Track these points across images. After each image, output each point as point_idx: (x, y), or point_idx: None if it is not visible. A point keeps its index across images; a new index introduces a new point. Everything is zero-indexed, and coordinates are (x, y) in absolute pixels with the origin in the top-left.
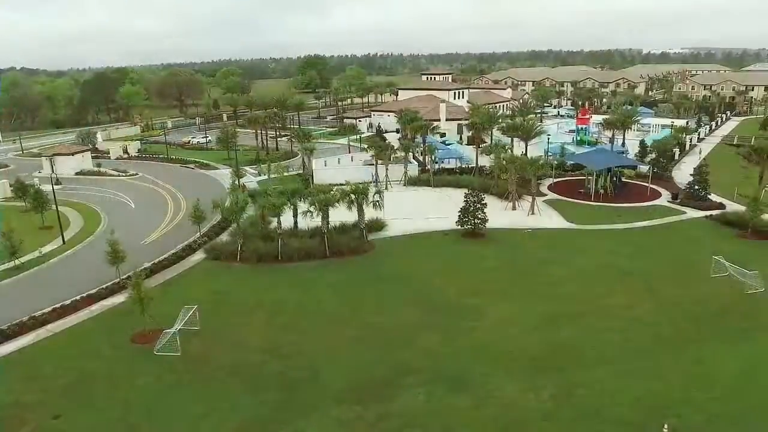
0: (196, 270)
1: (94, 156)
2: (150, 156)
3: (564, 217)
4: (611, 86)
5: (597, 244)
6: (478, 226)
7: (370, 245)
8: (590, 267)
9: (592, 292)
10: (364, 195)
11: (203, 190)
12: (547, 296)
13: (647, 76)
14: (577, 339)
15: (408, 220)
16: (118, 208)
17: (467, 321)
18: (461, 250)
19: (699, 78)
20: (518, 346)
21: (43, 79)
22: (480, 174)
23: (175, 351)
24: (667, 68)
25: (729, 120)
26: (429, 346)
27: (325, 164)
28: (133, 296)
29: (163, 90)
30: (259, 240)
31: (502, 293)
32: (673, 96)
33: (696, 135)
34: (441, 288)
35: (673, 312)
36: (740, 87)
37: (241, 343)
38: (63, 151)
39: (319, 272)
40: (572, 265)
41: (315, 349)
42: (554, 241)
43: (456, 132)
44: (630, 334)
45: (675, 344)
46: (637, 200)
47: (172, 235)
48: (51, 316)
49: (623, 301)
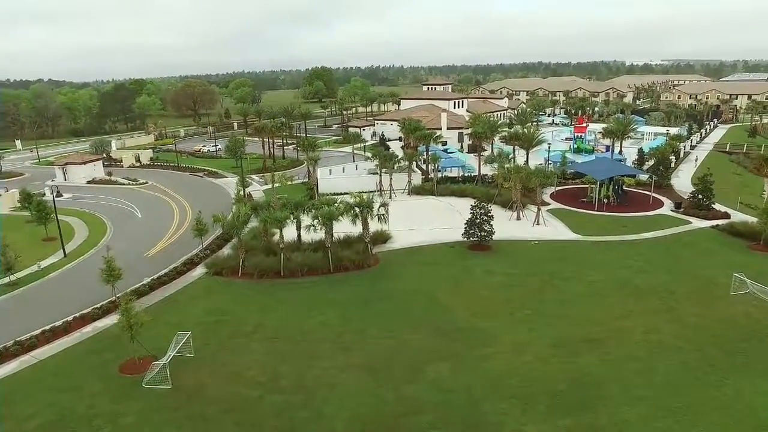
0: (195, 286)
1: (107, 164)
2: (161, 164)
3: (569, 227)
4: (601, 95)
5: (606, 257)
6: (484, 238)
7: (374, 259)
8: (602, 283)
9: (607, 312)
10: (368, 208)
11: (210, 198)
12: (561, 317)
13: (634, 86)
14: (598, 369)
15: (413, 231)
16: (124, 218)
17: (479, 347)
18: (468, 264)
19: (685, 87)
20: (535, 378)
21: (66, 90)
22: (482, 182)
23: (165, 384)
24: (651, 79)
25: (716, 128)
26: (439, 378)
27: (330, 173)
28: (121, 322)
29: (178, 100)
30: (261, 253)
31: (513, 314)
32: (661, 105)
33: (689, 143)
34: (449, 307)
35: (698, 336)
36: (724, 96)
37: (237, 374)
38: (75, 161)
39: (323, 289)
40: (583, 280)
41: (317, 381)
42: (562, 253)
43: (457, 140)
44: (654, 363)
45: (706, 375)
46: (641, 209)
47: (175, 246)
48: (39, 341)
49: (642, 323)
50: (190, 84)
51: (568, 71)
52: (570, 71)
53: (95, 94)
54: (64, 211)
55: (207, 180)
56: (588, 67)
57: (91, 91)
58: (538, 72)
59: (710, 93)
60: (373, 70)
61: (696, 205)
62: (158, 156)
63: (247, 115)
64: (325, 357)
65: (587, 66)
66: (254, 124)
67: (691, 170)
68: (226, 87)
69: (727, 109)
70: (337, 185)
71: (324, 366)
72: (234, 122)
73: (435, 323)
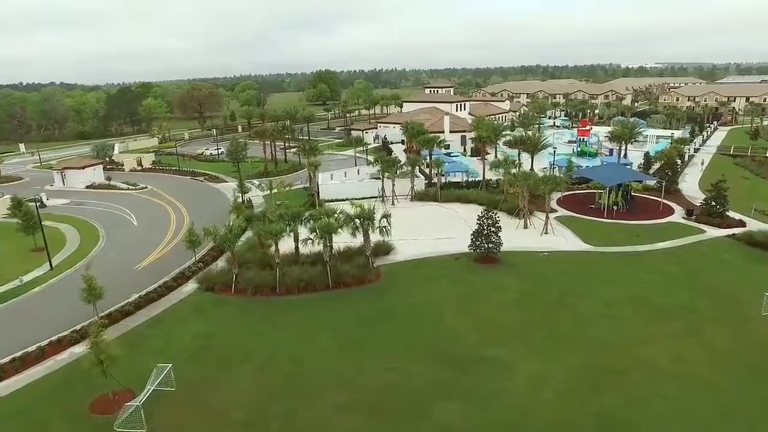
0: (185, 304)
1: (109, 168)
2: (163, 168)
3: (579, 236)
4: (600, 98)
5: (620, 271)
6: (492, 250)
7: (376, 273)
8: (619, 301)
9: (628, 335)
10: (369, 220)
11: (209, 204)
12: (579, 342)
13: (632, 88)
14: (626, 410)
15: (416, 241)
16: (119, 225)
17: (491, 381)
18: (476, 279)
19: (683, 90)
20: (557, 420)
21: (74, 93)
22: (487, 187)
23: (139, 427)
24: (647, 81)
25: (716, 130)
26: (447, 421)
27: (331, 177)
28: (90, 357)
29: (185, 103)
30: (256, 267)
31: (526, 339)
32: (659, 107)
33: (692, 146)
34: (457, 331)
35: (734, 367)
36: (722, 98)
37: (222, 414)
38: (74, 165)
39: (321, 308)
40: (598, 297)
41: (310, 424)
42: (574, 266)
43: (459, 143)
44: (689, 402)
45: (753, 419)
46: (651, 217)
47: (168, 257)
48: (5, 372)
49: (667, 349)
50: (196, 87)
51: (565, 74)
52: (567, 74)
53: (103, 97)
54: (58, 218)
55: (207, 185)
56: (585, 70)
57: (98, 94)
58: (536, 75)
59: (708, 95)
60: (376, 73)
61: (709, 212)
62: (160, 160)
63: (251, 118)
64: (321, 393)
65: (584, 69)
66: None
67: (697, 174)
68: (232, 90)
69: (726, 111)
70: (338, 191)
71: (319, 405)
72: (238, 125)
73: (442, 350)
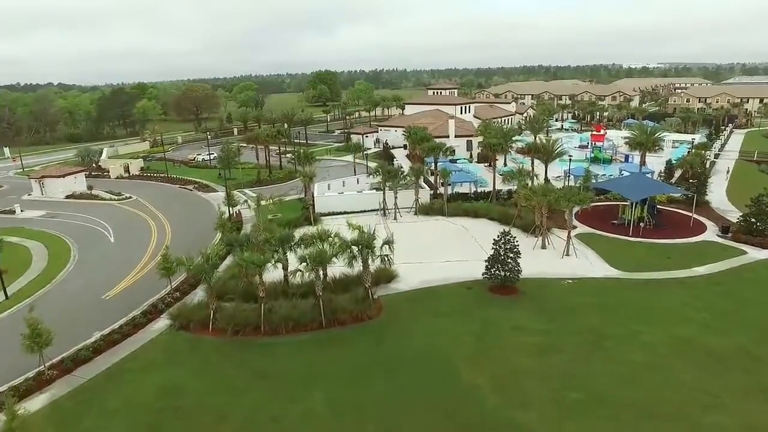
0: (154, 347)
1: (94, 175)
2: (152, 175)
3: (605, 259)
4: (608, 99)
5: (659, 304)
6: (509, 279)
7: (377, 308)
8: (664, 345)
9: (684, 395)
10: (369, 249)
11: (195, 217)
12: (624, 406)
13: (639, 89)
14: None
15: (422, 264)
16: (94, 243)
17: None
18: (492, 315)
19: (693, 90)
20: None
21: (68, 94)
22: (497, 199)
23: None
24: (653, 82)
25: (732, 133)
26: None
27: (328, 187)
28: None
29: (181, 104)
30: (239, 299)
31: (558, 400)
32: (669, 108)
33: (712, 151)
34: (473, 386)
35: None
36: (734, 99)
37: None
38: (52, 173)
39: (311, 355)
40: (639, 340)
41: None
42: (604, 297)
43: (465, 149)
44: None
45: None
46: (681, 234)
47: (142, 284)
48: None
49: (737, 417)
50: (193, 88)
51: (568, 74)
52: (570, 74)
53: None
54: (29, 233)
55: (196, 194)
56: (587, 70)
57: (93, 95)
58: (539, 75)
59: (720, 96)
60: (377, 73)
61: (748, 230)
62: (149, 166)
63: (246, 121)
64: None
65: (586, 69)
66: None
67: (722, 183)
68: (230, 91)
69: (741, 113)
70: (335, 203)
71: None
72: (234, 128)
73: (455, 414)
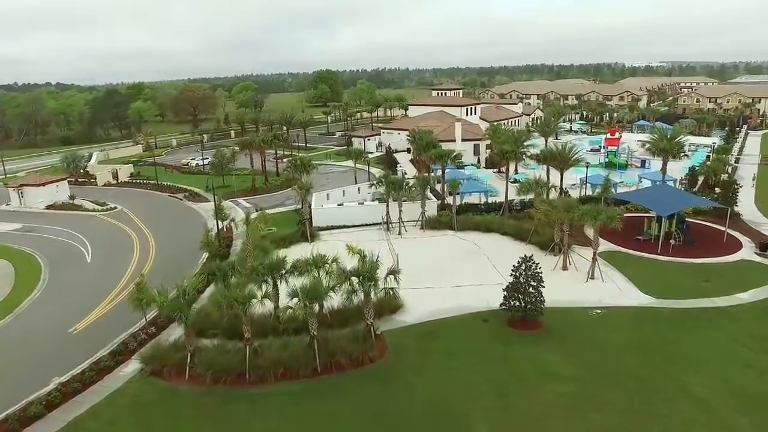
0: (120, 399)
1: (81, 182)
2: (141, 182)
3: (634, 282)
4: (615, 99)
5: (705, 341)
6: (532, 311)
7: (380, 347)
8: (722, 399)
9: None
10: (372, 281)
11: (183, 232)
12: None
13: (645, 89)
14: None
15: (431, 290)
16: (69, 262)
17: None
18: (512, 355)
19: (704, 90)
20: None
21: (63, 94)
22: (510, 210)
23: None
24: (658, 81)
25: (748, 135)
26: None
27: (327, 197)
28: None
29: (178, 105)
30: (222, 336)
31: None
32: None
33: (732, 155)
34: None
35: None
36: (746, 99)
37: None
38: (32, 182)
39: (304, 410)
40: (690, 393)
41: None
42: (640, 333)
43: (472, 153)
44: None
45: None
46: (714, 252)
47: (116, 314)
48: None
49: None
50: (190, 88)
51: (571, 73)
52: (574, 73)
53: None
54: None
55: (186, 204)
56: (591, 69)
57: (87, 96)
58: (542, 74)
59: (731, 96)
60: (379, 72)
61: None
62: (139, 171)
63: (244, 123)
64: None
65: (590, 68)
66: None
67: (749, 191)
68: (230, 91)
69: (755, 114)
70: (334, 216)
71: None
72: (231, 130)
73: None
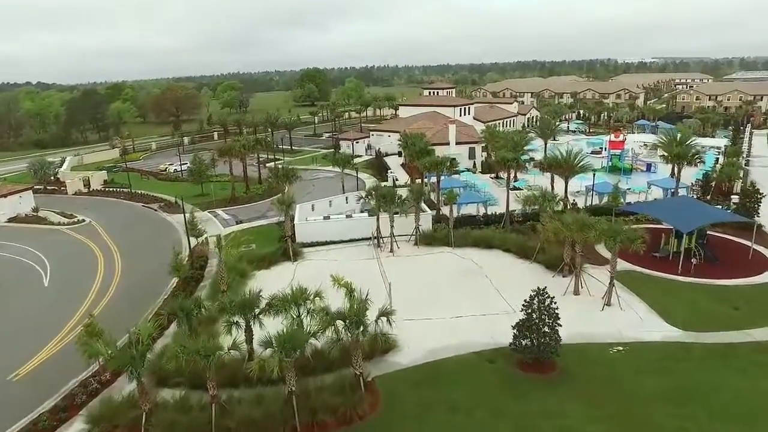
0: None
1: (51, 190)
2: (115, 190)
3: (656, 310)
4: (611, 97)
5: (745, 385)
6: (546, 353)
7: (371, 399)
8: None
9: None
10: (360, 326)
11: (154, 249)
12: None
13: (642, 86)
14: None
15: (428, 321)
16: (22, 288)
17: None
18: (528, 410)
19: (704, 88)
20: None
21: (39, 95)
22: (512, 223)
23: None
24: (654, 78)
25: (752, 135)
26: None
27: (312, 209)
28: None
29: (159, 106)
30: (187, 385)
31: None
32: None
33: (743, 158)
34: None
35: None
36: (747, 97)
37: None
38: None
39: None
40: None
41: None
42: (672, 377)
43: (468, 157)
44: None
45: None
46: (739, 271)
47: (66, 355)
48: None
49: None
50: (173, 88)
51: (564, 70)
52: (566, 70)
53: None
54: None
55: (160, 216)
56: (584, 65)
57: (65, 96)
58: (534, 71)
59: (732, 94)
60: (368, 70)
61: None
62: (113, 178)
63: (226, 124)
64: None
65: (583, 64)
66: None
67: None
68: (215, 90)
69: (758, 112)
70: (319, 232)
71: None
72: (214, 132)
73: None
